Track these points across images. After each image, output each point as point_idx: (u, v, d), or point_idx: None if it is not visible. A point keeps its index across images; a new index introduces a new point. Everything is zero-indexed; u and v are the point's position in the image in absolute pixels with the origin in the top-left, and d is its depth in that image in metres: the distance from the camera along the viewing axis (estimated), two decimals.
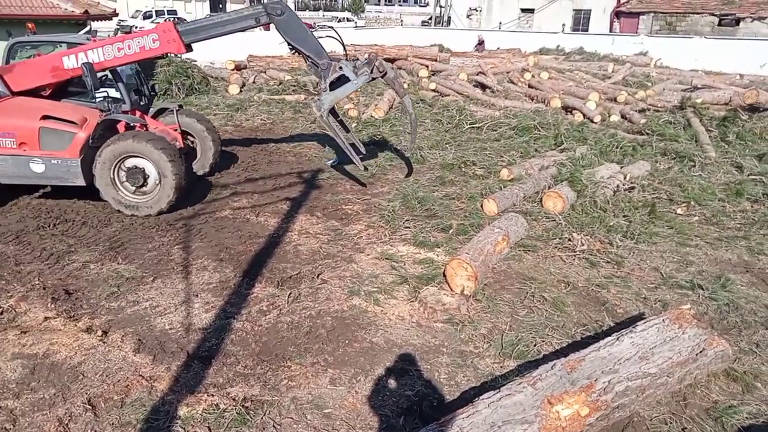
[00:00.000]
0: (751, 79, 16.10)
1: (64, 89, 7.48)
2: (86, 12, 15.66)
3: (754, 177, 8.00)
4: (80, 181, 6.60)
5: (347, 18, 50.41)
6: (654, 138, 9.96)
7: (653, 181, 7.79)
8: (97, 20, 17.37)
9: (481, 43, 23.96)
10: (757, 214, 6.90)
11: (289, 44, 7.16)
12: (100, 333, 4.30)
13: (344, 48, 7.49)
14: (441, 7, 40.45)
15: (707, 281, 5.22)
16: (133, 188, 6.58)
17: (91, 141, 6.52)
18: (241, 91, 14.92)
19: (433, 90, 14.57)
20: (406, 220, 6.59)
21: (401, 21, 46.38)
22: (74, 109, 6.93)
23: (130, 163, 6.51)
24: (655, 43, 21.58)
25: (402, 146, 9.87)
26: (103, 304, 4.73)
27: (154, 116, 7.89)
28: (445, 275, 5.10)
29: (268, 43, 20.61)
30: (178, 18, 33.62)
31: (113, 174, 6.52)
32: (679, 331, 3.67)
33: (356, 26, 39.18)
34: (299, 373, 3.87)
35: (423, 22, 46.86)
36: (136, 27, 35.33)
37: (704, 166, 8.52)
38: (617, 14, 29.26)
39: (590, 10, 31.01)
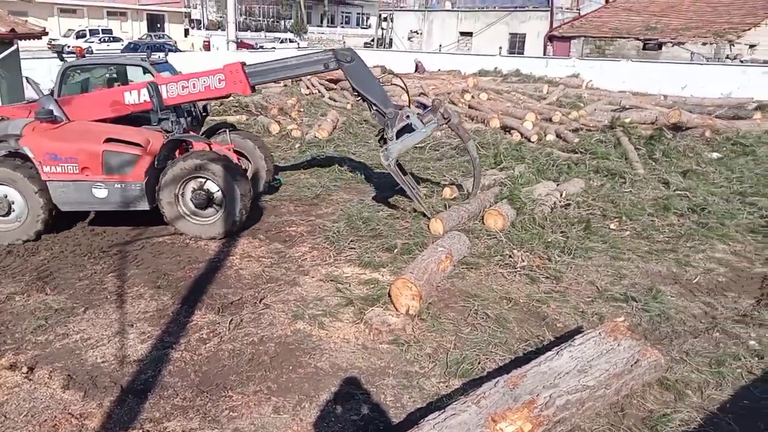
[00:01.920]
0: (674, 99, 17.11)
1: (121, 119, 7.29)
2: (12, 30, 14.89)
3: (679, 192, 8.44)
4: (144, 206, 6.39)
5: (290, 39, 50.34)
6: (587, 156, 10.37)
7: (587, 198, 8.10)
8: (25, 39, 16.56)
9: (417, 66, 24.60)
10: (684, 227, 7.28)
11: (354, 90, 7.18)
12: (25, 369, 4.04)
13: (408, 95, 7.56)
14: (383, 29, 41.20)
15: (640, 293, 5.44)
16: (197, 209, 6.48)
17: (156, 162, 6.34)
18: None
19: None
20: (351, 241, 6.56)
21: (344, 43, 46.83)
22: (137, 131, 6.72)
23: (195, 184, 6.39)
24: (585, 66, 22.63)
25: (353, 165, 9.90)
26: (29, 338, 4.45)
27: (207, 136, 7.80)
28: (390, 295, 5.09)
29: (209, 65, 20.31)
30: (247, 59, 32.53)
31: (178, 194, 6.39)
32: (615, 344, 3.80)
33: (299, 47, 39.19)
34: (241, 403, 3.75)
35: (365, 43, 47.50)
36: (69, 46, 34.01)
37: (634, 182, 8.94)
38: (550, 38, 30.58)
39: (525, 34, 32.35)
